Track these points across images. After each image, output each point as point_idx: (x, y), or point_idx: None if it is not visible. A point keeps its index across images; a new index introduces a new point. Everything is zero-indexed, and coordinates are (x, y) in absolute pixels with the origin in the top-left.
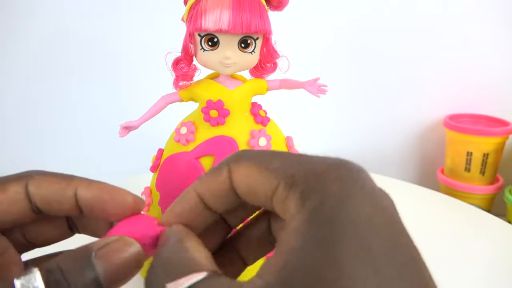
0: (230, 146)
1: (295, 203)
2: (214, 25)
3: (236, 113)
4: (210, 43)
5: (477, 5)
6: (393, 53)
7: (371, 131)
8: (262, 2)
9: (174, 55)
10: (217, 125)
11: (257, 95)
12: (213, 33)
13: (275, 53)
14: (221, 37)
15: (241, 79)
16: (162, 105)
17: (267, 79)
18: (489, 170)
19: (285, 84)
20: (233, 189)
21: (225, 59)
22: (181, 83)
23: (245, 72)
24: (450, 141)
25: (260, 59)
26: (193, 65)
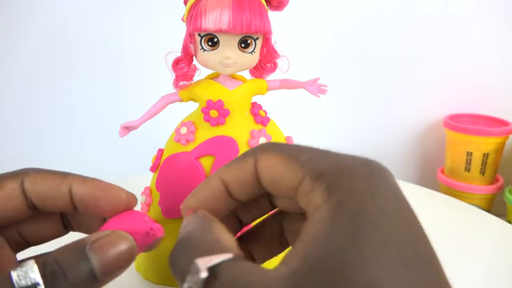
0: (230, 146)
1: (321, 195)
2: (214, 25)
3: (236, 113)
4: (210, 43)
5: (477, 5)
6: (393, 53)
7: (371, 131)
8: (262, 2)
9: (174, 55)
10: (217, 125)
11: (257, 95)
12: (213, 33)
13: (275, 53)
14: (221, 37)
15: (241, 79)
16: (162, 105)
17: (267, 79)
18: (489, 170)
19: (285, 84)
20: (258, 179)
21: (225, 59)
22: (181, 83)
23: (245, 72)
24: (450, 141)
25: (260, 59)
26: (193, 65)
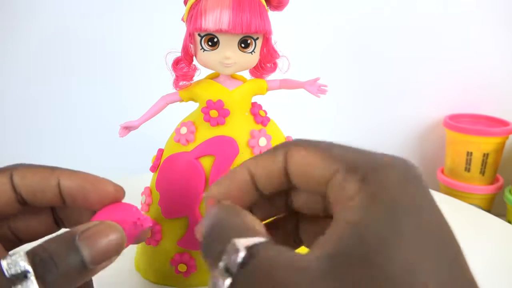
0: (230, 146)
1: (355, 186)
2: (214, 25)
3: (236, 113)
4: (210, 43)
5: (477, 5)
6: (393, 53)
7: (371, 131)
8: (262, 2)
9: (174, 55)
10: (217, 125)
11: (257, 95)
12: (213, 33)
13: (275, 53)
14: (221, 37)
15: (241, 79)
16: (162, 105)
17: (267, 79)
18: (489, 170)
19: (285, 84)
20: (286, 172)
21: (225, 59)
22: (181, 83)
23: (245, 72)
24: (450, 141)
25: (260, 59)
26: (193, 65)
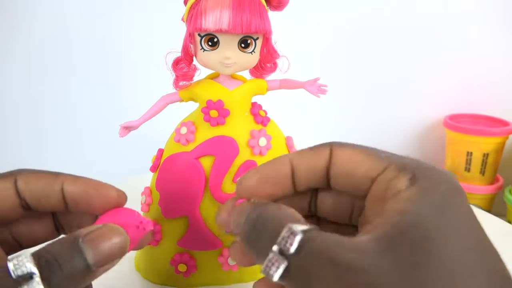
0: (230, 146)
1: (406, 182)
2: (214, 25)
3: (236, 113)
4: (210, 43)
5: (477, 5)
6: (393, 53)
7: (371, 131)
8: (262, 2)
9: (174, 55)
10: (217, 125)
11: (257, 95)
12: (213, 33)
13: (275, 53)
14: (221, 37)
15: (241, 79)
16: (162, 105)
17: (267, 79)
18: (489, 170)
19: (285, 84)
20: (327, 169)
21: (225, 59)
22: (181, 83)
23: (245, 72)
24: (450, 141)
25: (260, 59)
26: (193, 65)
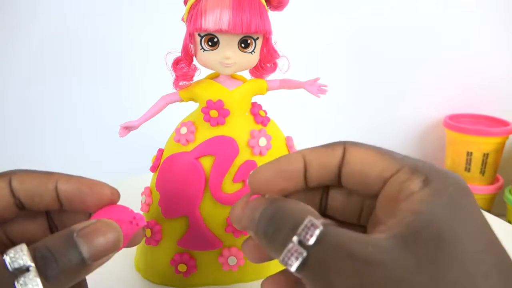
0: (230, 146)
1: (419, 183)
2: (214, 25)
3: (236, 113)
4: (210, 43)
5: (477, 5)
6: (393, 53)
7: (371, 131)
8: (262, 2)
9: (174, 55)
10: (217, 125)
11: (257, 95)
12: (213, 33)
13: (275, 53)
14: (221, 37)
15: (241, 79)
16: (162, 105)
17: (267, 79)
18: (489, 170)
19: (285, 84)
20: (339, 167)
21: (225, 59)
22: (181, 83)
23: (245, 72)
24: (450, 141)
25: (260, 59)
26: (193, 65)
